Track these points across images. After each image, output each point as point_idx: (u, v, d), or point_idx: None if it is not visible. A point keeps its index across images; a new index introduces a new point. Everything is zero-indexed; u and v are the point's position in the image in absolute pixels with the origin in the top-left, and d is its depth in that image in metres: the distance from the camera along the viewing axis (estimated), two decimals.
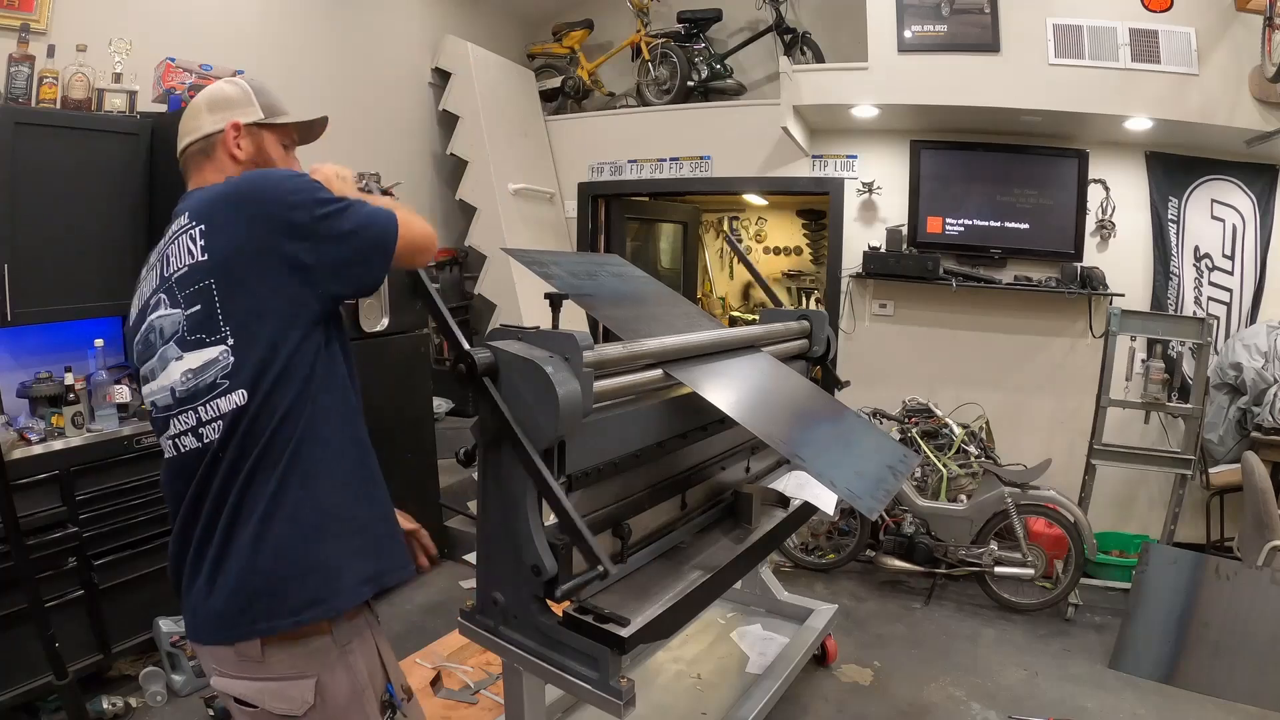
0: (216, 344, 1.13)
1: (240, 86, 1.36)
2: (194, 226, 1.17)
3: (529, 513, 1.45)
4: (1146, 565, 3.07)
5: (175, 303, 1.16)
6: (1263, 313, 3.90)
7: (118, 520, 2.58)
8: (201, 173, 1.31)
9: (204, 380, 1.14)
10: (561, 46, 5.36)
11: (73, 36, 2.72)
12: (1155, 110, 3.56)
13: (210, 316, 1.14)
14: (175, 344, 1.17)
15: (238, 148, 1.31)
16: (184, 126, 1.33)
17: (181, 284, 1.16)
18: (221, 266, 1.14)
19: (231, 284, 1.13)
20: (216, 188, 1.21)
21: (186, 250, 1.17)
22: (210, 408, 1.14)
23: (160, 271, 1.21)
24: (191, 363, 1.15)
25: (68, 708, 2.21)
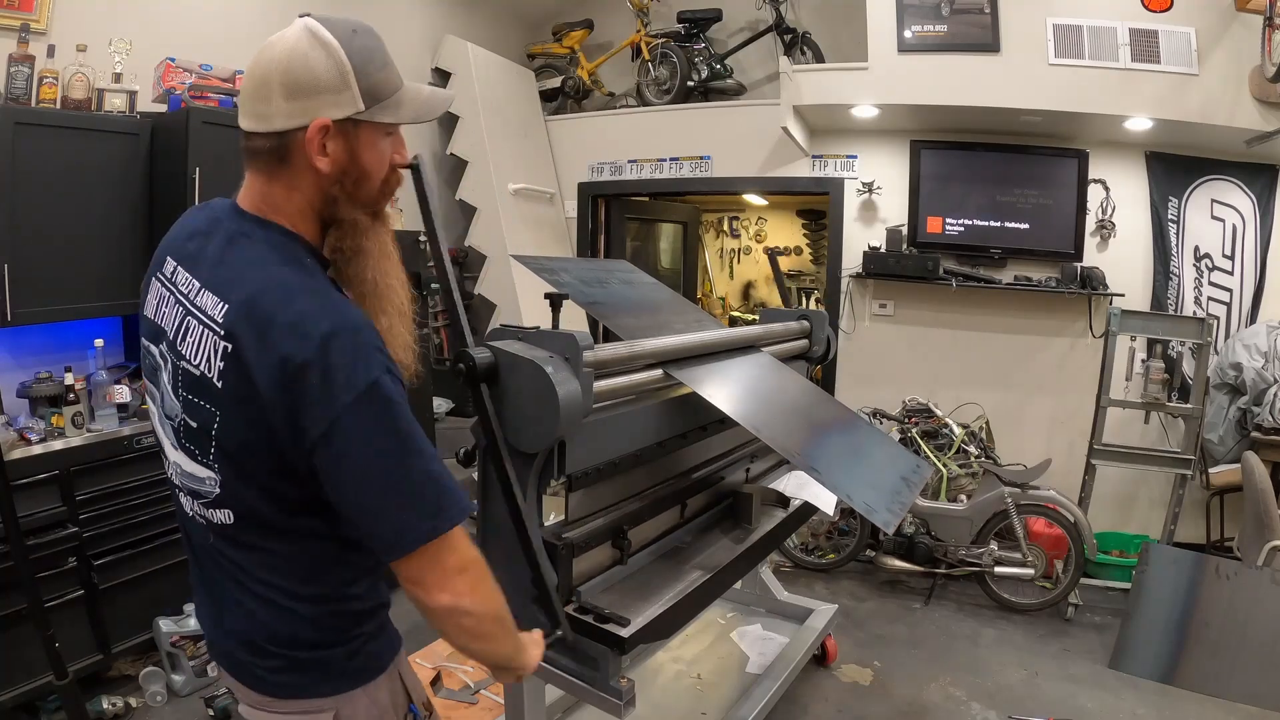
0: (204, 467, 0.97)
1: (334, 58, 0.94)
2: (222, 339, 0.92)
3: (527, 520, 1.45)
4: (1146, 565, 3.07)
5: (176, 389, 0.98)
6: (1263, 313, 3.90)
7: (118, 520, 2.58)
8: (268, 183, 0.99)
9: (191, 485, 1.00)
10: (561, 46, 5.36)
11: (73, 36, 2.72)
12: (1155, 110, 3.56)
13: (204, 440, 0.96)
14: (171, 429, 1.01)
15: (324, 154, 0.96)
16: (248, 103, 0.97)
17: (187, 384, 0.96)
18: (228, 407, 0.93)
19: (232, 430, 0.94)
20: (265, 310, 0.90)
21: (206, 355, 0.93)
22: (203, 509, 1.00)
23: (176, 326, 0.98)
24: (183, 463, 1.00)
25: (68, 708, 2.21)
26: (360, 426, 0.90)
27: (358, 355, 0.90)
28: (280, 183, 0.99)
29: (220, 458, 0.95)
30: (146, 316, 1.06)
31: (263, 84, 0.95)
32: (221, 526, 1.00)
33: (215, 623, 1.08)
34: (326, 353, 0.88)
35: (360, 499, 0.93)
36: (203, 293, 0.96)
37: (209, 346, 0.93)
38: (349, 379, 0.89)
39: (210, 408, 0.94)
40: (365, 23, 1.01)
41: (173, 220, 1.16)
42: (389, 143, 1.04)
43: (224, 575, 1.04)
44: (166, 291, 1.02)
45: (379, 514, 0.94)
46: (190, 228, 1.07)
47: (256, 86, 0.96)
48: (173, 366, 0.98)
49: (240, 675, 1.07)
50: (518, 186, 4.75)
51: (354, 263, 1.05)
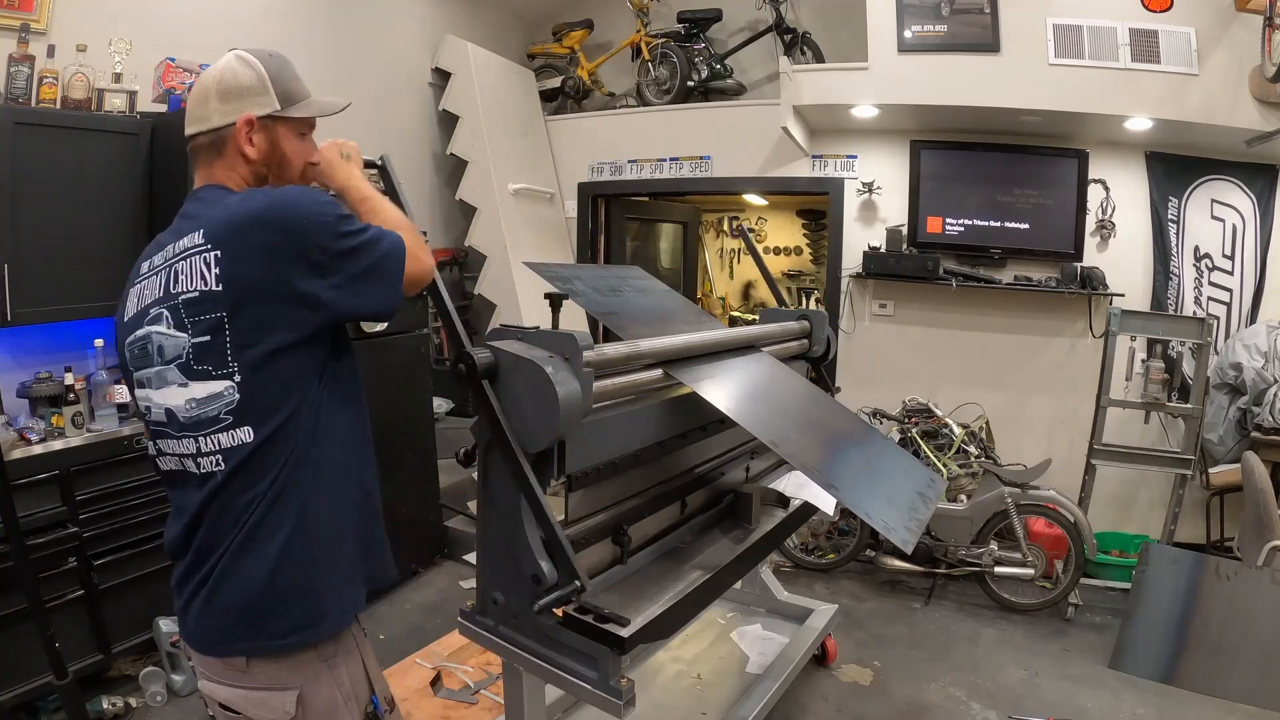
0: (223, 379, 1.10)
1: (255, 70, 1.23)
2: (209, 250, 1.10)
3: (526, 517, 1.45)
4: (1146, 565, 3.07)
5: (180, 325, 1.12)
6: (1263, 313, 3.90)
7: (118, 520, 2.58)
8: (210, 168, 1.24)
9: (207, 412, 1.12)
10: (561, 46, 5.36)
11: (73, 36, 2.72)
12: (1155, 110, 3.56)
13: (219, 350, 1.10)
14: (178, 369, 1.13)
15: (250, 144, 1.22)
16: (191, 111, 1.23)
17: (190, 308, 1.11)
18: (235, 300, 1.09)
19: (244, 320, 1.09)
20: (235, 209, 1.13)
21: (199, 274, 1.10)
22: (211, 440, 1.12)
23: (166, 284, 1.15)
24: (196, 392, 1.12)
25: (68, 708, 2.21)
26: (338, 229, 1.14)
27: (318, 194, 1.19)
28: (220, 167, 1.24)
29: (235, 350, 1.10)
30: (126, 319, 1.22)
31: (202, 94, 1.23)
32: (236, 452, 1.12)
33: (209, 597, 1.15)
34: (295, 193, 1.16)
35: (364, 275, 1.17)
36: (176, 243, 1.15)
37: (199, 266, 1.11)
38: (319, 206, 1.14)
39: (217, 313, 1.09)
40: (279, 51, 1.30)
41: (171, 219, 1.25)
42: (303, 142, 1.31)
43: (225, 532, 1.14)
44: (143, 281, 1.20)
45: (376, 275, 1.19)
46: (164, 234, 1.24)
47: (197, 97, 1.23)
48: (170, 312, 1.13)
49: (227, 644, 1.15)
50: (518, 186, 4.75)
51: None
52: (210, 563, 1.15)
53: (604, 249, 5.37)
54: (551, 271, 1.98)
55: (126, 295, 1.24)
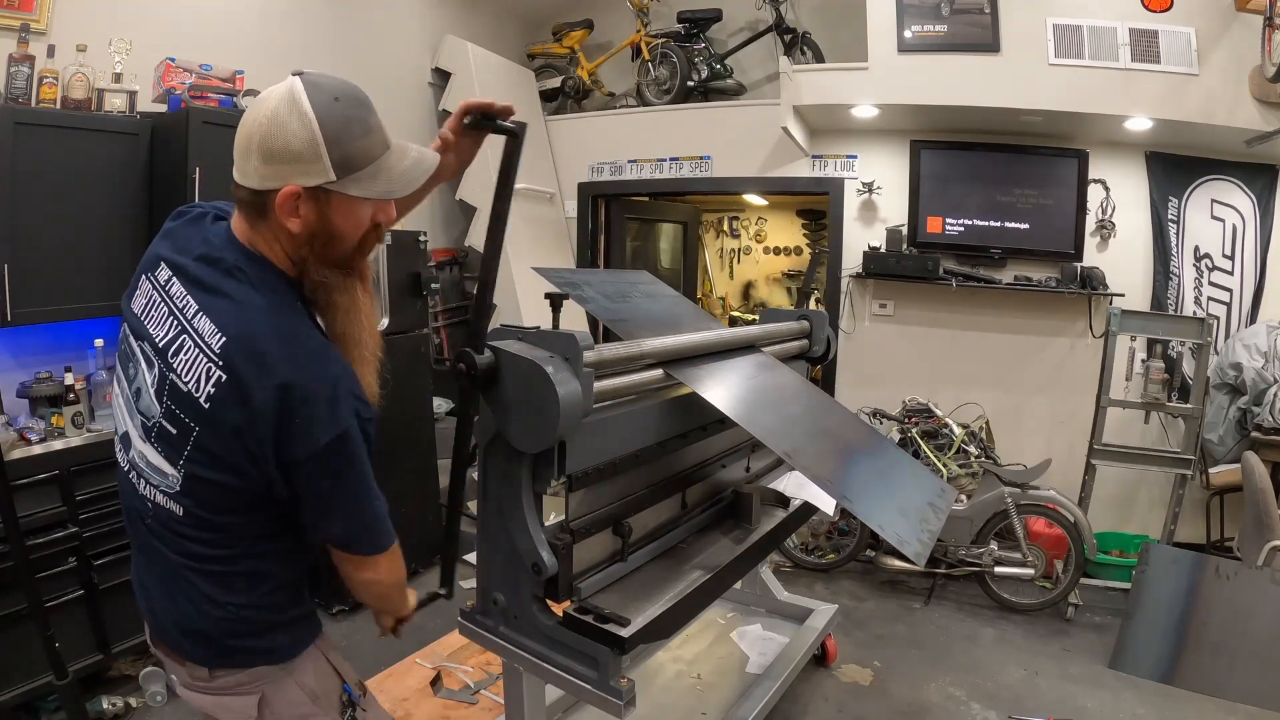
0: (170, 464, 1.07)
1: (309, 130, 0.99)
2: (217, 369, 1.02)
3: (527, 513, 1.45)
4: (1146, 565, 3.07)
5: (160, 395, 1.07)
6: (1263, 313, 3.90)
7: (118, 520, 2.57)
8: (252, 230, 1.08)
9: (152, 474, 1.09)
10: (561, 46, 5.36)
11: (73, 36, 2.72)
12: (1155, 110, 3.56)
13: (178, 445, 1.05)
14: (141, 424, 1.10)
15: (295, 216, 1.04)
16: (236, 157, 1.06)
17: (173, 396, 1.05)
18: (210, 429, 1.03)
19: (209, 448, 1.04)
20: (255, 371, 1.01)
21: (197, 377, 1.03)
22: (155, 491, 1.10)
23: (169, 336, 1.07)
24: (147, 452, 1.09)
25: (68, 708, 2.21)
26: (332, 462, 1.06)
27: (337, 402, 1.05)
28: (261, 231, 1.08)
29: (190, 463, 1.05)
30: (133, 310, 1.14)
31: (246, 144, 1.03)
32: (170, 514, 1.09)
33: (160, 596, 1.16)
34: (312, 395, 1.03)
35: (325, 510, 1.12)
36: (200, 317, 1.05)
37: (201, 369, 1.03)
38: (330, 419, 1.04)
39: (191, 422, 1.04)
40: (353, 88, 1.06)
41: None
42: (368, 206, 1.09)
43: (163, 559, 1.13)
44: (158, 295, 1.10)
45: (337, 523, 1.14)
46: (185, 242, 1.13)
47: (242, 144, 1.04)
48: (159, 373, 1.07)
49: (183, 652, 1.17)
50: (518, 186, 4.74)
51: (325, 314, 1.14)
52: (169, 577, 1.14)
53: (604, 249, 5.37)
54: (560, 276, 1.98)
55: (138, 281, 1.15)
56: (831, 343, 2.55)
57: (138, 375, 1.11)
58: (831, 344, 2.56)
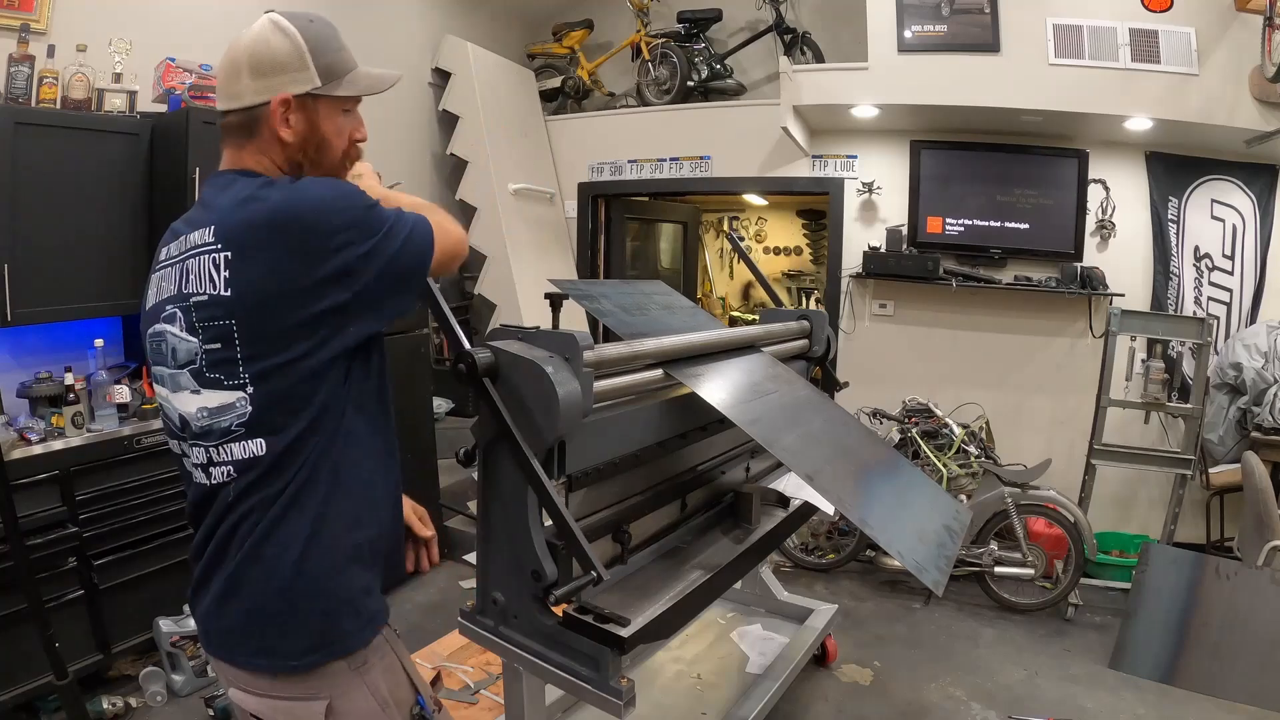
0: (234, 389, 1.02)
1: (292, 40, 1.08)
2: (219, 251, 1.01)
3: (529, 515, 1.45)
4: (1146, 565, 3.07)
5: (191, 329, 1.03)
6: (1263, 313, 3.90)
7: (118, 520, 2.58)
8: (240, 151, 1.12)
9: (219, 423, 1.04)
10: (561, 46, 5.36)
11: (73, 36, 2.72)
12: (1155, 110, 3.56)
13: (229, 359, 1.01)
14: (191, 374, 1.05)
15: (286, 126, 1.10)
16: (221, 86, 1.12)
17: (200, 312, 1.03)
18: (244, 307, 1.00)
19: (254, 328, 1.00)
20: (249, 207, 1.03)
21: (209, 276, 1.01)
22: (224, 450, 1.05)
23: (179, 282, 1.06)
24: (208, 401, 1.04)
25: (68, 708, 2.21)
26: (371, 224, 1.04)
27: (347, 190, 1.07)
28: (250, 150, 1.12)
29: (248, 365, 1.02)
30: (147, 308, 1.15)
31: (233, 67, 1.09)
32: (249, 466, 1.05)
33: (221, 601, 1.10)
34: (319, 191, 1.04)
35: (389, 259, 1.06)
36: (189, 235, 1.07)
37: (209, 267, 1.02)
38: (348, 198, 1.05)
39: (226, 320, 1.01)
40: (322, 14, 1.17)
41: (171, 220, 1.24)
42: (347, 119, 1.18)
43: (239, 540, 1.07)
44: (162, 270, 1.12)
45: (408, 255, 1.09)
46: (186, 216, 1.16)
47: (228, 70, 1.10)
48: (183, 313, 1.05)
49: (245, 654, 1.10)
50: (518, 186, 4.75)
51: None
52: (223, 571, 1.09)
53: (604, 249, 5.37)
54: (577, 289, 1.98)
55: (149, 282, 1.15)
56: (831, 342, 2.55)
57: (170, 343, 1.07)
58: (832, 344, 2.55)
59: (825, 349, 2.53)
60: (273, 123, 1.09)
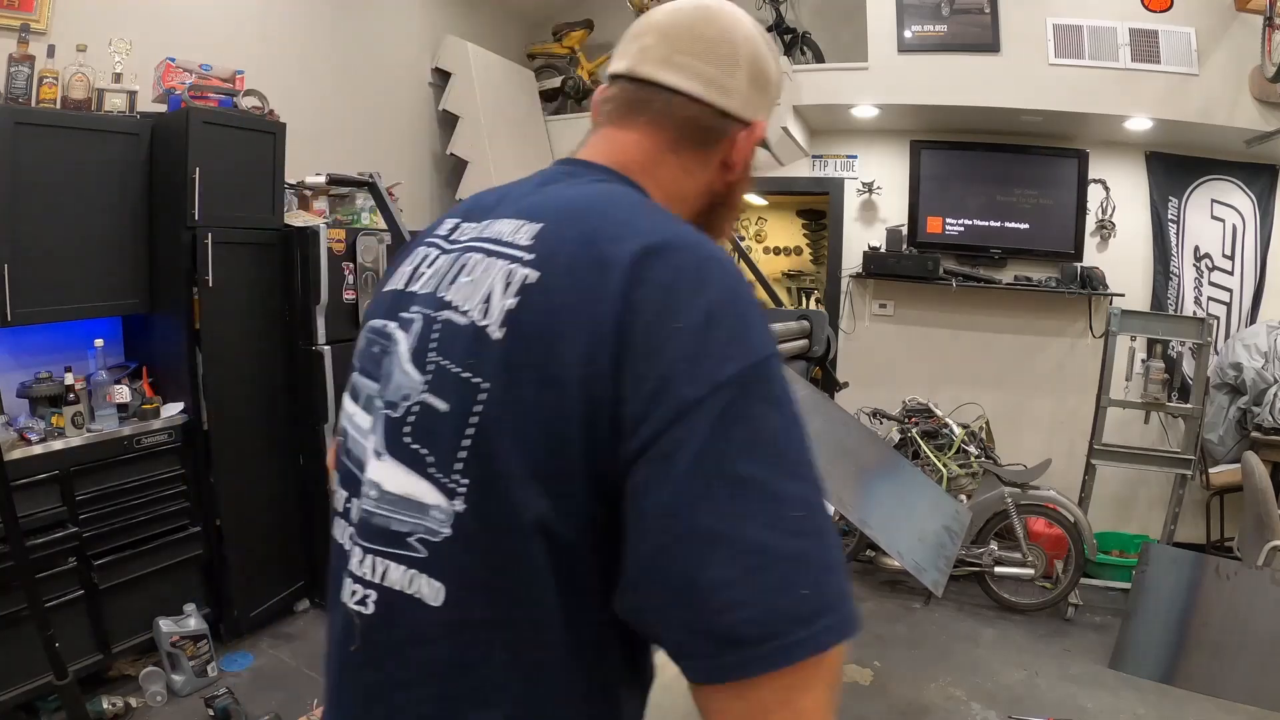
0: (438, 489, 0.60)
1: (778, 64, 0.79)
2: (523, 265, 0.61)
3: None
4: (1146, 565, 3.07)
5: (423, 350, 0.64)
6: (1263, 313, 3.90)
7: (118, 520, 2.58)
8: (663, 151, 0.74)
9: (390, 519, 0.63)
10: (561, 46, 5.36)
11: (73, 36, 2.72)
12: (1155, 110, 3.56)
13: (450, 434, 0.59)
14: (384, 425, 0.65)
15: (741, 158, 0.77)
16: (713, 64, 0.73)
17: (445, 337, 0.63)
18: (512, 377, 0.58)
19: (506, 423, 0.57)
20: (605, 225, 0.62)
21: (485, 290, 0.61)
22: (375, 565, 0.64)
23: (440, 278, 0.68)
24: (387, 479, 0.63)
25: (68, 708, 2.21)
26: (738, 421, 0.54)
27: (743, 307, 0.59)
28: (678, 161, 0.75)
29: (472, 464, 0.58)
30: (388, 290, 0.74)
31: (732, 53, 0.74)
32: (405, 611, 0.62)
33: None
34: (698, 271, 0.58)
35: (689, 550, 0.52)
36: (496, 223, 0.67)
37: (495, 278, 0.61)
38: (739, 325, 0.57)
39: (475, 375, 0.59)
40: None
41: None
42: None
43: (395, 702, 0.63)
44: (432, 250, 0.72)
45: (714, 586, 0.51)
46: (494, 190, 0.78)
47: (726, 52, 0.74)
48: (422, 324, 0.65)
49: None
50: None
51: None
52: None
53: None
54: None
55: (403, 257, 0.76)
56: (832, 342, 2.55)
57: (387, 359, 0.67)
58: (832, 344, 2.55)
59: (825, 349, 2.52)
60: (734, 147, 0.76)
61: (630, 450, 0.54)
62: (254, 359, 3.02)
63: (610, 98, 0.78)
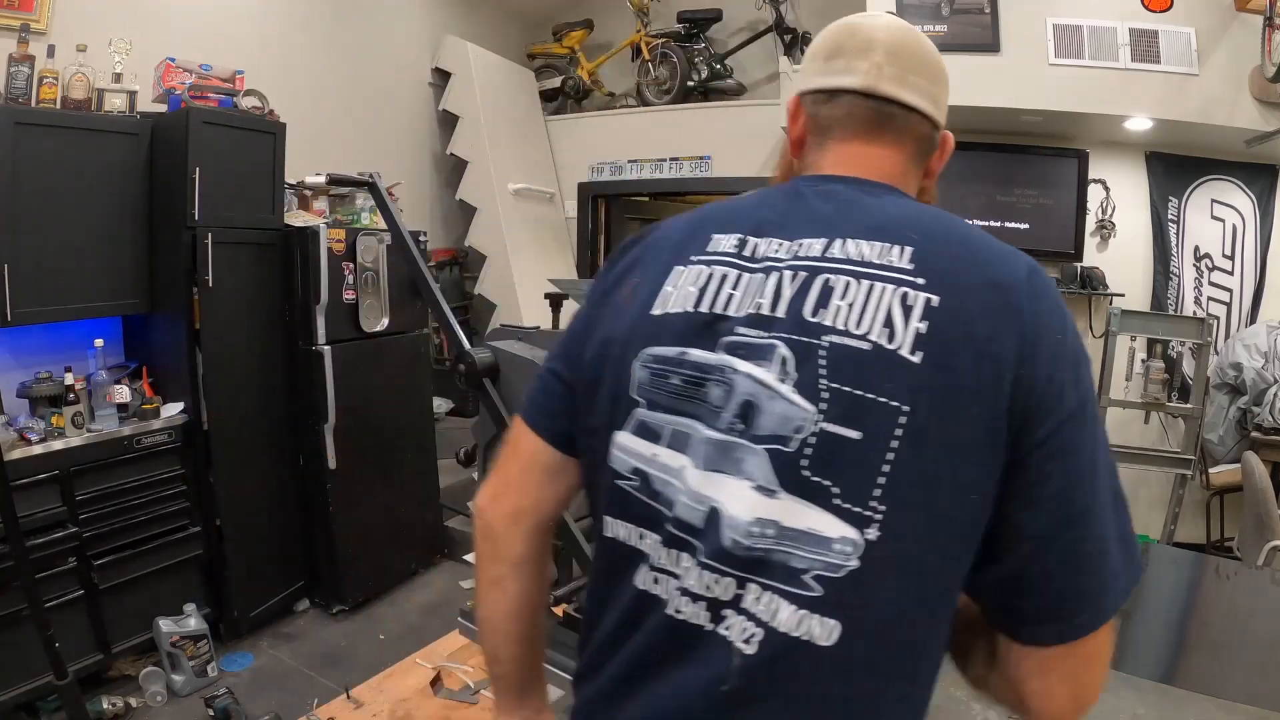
0: (845, 519, 0.61)
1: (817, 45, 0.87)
2: (917, 287, 0.63)
3: None
4: (1146, 565, 3.08)
5: (810, 388, 0.63)
6: (1263, 313, 3.90)
7: (118, 520, 2.58)
8: (906, 163, 0.79)
9: (789, 556, 0.62)
10: (561, 46, 5.36)
11: (73, 36, 2.72)
12: (1155, 110, 3.55)
13: (864, 464, 0.61)
14: (771, 460, 0.63)
15: (937, 168, 0.86)
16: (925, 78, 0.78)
17: (840, 366, 0.63)
18: (937, 397, 0.61)
19: (933, 438, 0.60)
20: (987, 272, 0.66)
21: (884, 314, 0.63)
22: (766, 603, 0.63)
23: (796, 300, 0.66)
24: (784, 515, 0.62)
25: (68, 708, 2.21)
26: (1097, 424, 0.65)
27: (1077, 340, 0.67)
28: (914, 171, 0.82)
29: (898, 487, 0.60)
30: (673, 313, 0.71)
31: (942, 71, 0.80)
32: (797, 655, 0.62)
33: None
34: (1062, 303, 0.68)
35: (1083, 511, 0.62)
36: (842, 243, 0.68)
37: (888, 302, 0.63)
38: (1078, 343, 0.67)
39: (890, 399, 0.61)
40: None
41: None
42: None
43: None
44: (724, 269, 0.71)
45: (1084, 559, 0.62)
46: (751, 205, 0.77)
47: (936, 68, 0.80)
48: (796, 351, 0.64)
49: None
50: (518, 186, 4.75)
51: None
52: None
53: (604, 249, 5.37)
54: (577, 289, 1.98)
55: (663, 271, 0.74)
56: None
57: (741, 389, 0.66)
58: None
59: None
60: (939, 156, 0.83)
61: (1030, 443, 0.61)
62: (254, 359, 3.02)
63: (848, 114, 0.78)
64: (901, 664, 0.66)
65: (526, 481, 0.83)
